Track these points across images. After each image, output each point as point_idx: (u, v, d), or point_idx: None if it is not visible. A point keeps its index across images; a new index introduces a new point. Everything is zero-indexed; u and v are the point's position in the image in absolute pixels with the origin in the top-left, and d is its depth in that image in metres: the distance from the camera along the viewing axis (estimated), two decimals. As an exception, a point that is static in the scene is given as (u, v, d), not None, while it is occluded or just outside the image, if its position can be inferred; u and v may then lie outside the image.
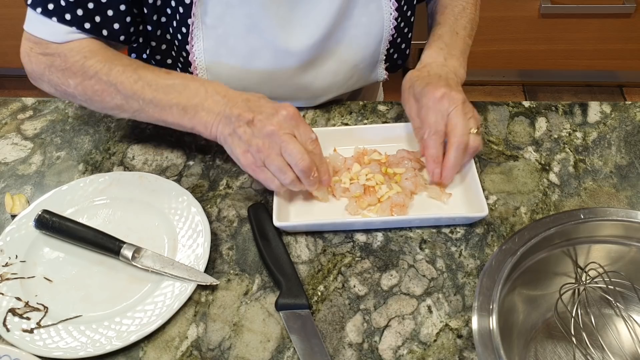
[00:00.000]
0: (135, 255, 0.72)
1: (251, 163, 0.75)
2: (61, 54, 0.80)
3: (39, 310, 0.69)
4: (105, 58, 0.81)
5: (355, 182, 0.81)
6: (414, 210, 0.79)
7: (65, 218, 0.76)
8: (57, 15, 0.79)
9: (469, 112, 0.79)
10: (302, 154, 0.73)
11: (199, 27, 0.83)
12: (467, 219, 0.77)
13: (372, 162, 0.83)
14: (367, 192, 0.80)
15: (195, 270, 0.71)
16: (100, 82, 0.79)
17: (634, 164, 0.85)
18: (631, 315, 0.67)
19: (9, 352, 0.64)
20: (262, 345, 0.67)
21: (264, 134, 0.73)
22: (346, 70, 0.92)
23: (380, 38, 0.91)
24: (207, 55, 0.85)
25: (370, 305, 0.70)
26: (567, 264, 0.69)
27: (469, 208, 0.78)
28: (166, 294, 0.70)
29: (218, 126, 0.76)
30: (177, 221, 0.77)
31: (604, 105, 0.95)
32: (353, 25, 0.88)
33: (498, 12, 2.06)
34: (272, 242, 0.74)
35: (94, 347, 0.65)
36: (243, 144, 0.74)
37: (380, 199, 0.79)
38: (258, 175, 0.75)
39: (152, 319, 0.67)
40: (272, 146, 0.73)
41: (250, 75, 0.87)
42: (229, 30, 0.84)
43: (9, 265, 0.74)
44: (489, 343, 0.58)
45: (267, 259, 0.73)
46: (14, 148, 0.92)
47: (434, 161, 0.78)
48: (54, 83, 0.82)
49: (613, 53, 2.17)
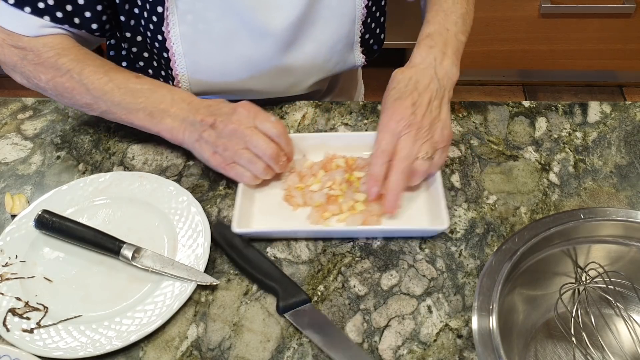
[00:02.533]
0: (135, 255, 0.72)
1: (221, 162, 0.79)
2: (34, 49, 0.82)
3: (38, 310, 0.69)
4: (78, 57, 0.83)
5: (318, 191, 0.80)
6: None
7: (65, 218, 0.76)
8: (30, 5, 0.80)
9: (422, 137, 0.76)
10: (266, 142, 0.77)
11: (173, 12, 0.84)
12: (424, 232, 0.76)
13: (338, 167, 0.82)
14: (330, 201, 0.79)
15: (195, 270, 0.71)
16: (72, 80, 0.82)
17: (634, 164, 0.85)
18: (631, 315, 0.67)
19: (9, 352, 0.64)
20: (262, 345, 0.67)
21: (227, 133, 0.77)
22: (325, 52, 0.93)
23: (353, 18, 0.92)
24: (184, 40, 0.86)
25: (370, 305, 0.70)
26: (567, 264, 0.69)
27: (430, 220, 0.77)
28: (166, 294, 0.70)
29: (185, 133, 0.80)
30: (177, 221, 0.77)
31: (604, 105, 0.95)
32: (325, 6, 0.89)
33: (498, 12, 2.06)
34: (249, 255, 0.73)
35: (93, 347, 0.65)
36: (210, 146, 0.79)
37: (342, 208, 0.78)
38: (229, 173, 0.79)
39: (152, 319, 0.67)
40: (237, 142, 0.77)
41: (229, 59, 0.88)
42: (204, 13, 0.85)
43: (9, 265, 0.74)
44: (489, 343, 0.58)
45: (253, 273, 0.72)
46: (14, 148, 0.92)
47: (373, 179, 0.76)
48: (26, 75, 0.84)
49: (613, 53, 2.17)
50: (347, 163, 0.83)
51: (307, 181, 0.82)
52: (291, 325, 0.68)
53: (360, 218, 0.77)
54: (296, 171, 0.83)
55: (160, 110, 0.81)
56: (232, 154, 0.77)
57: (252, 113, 0.78)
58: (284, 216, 0.79)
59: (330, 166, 0.83)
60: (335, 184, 0.80)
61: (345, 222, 0.77)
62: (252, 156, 0.77)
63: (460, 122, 0.92)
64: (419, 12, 0.99)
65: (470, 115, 0.93)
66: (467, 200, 0.81)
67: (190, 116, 0.79)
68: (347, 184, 0.81)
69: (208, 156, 0.79)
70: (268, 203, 0.81)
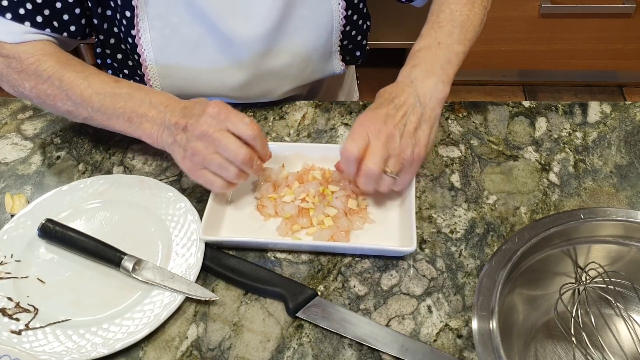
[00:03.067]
0: (135, 268, 0.72)
1: (190, 168, 0.76)
2: (16, 56, 0.82)
3: (28, 312, 0.69)
4: (59, 62, 0.82)
5: (290, 203, 0.78)
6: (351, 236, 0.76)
7: (68, 227, 0.75)
8: (10, 11, 0.80)
9: (392, 148, 0.73)
10: (237, 146, 0.72)
11: (143, 18, 0.84)
12: (391, 252, 0.74)
13: (314, 179, 0.81)
14: (301, 213, 0.77)
15: (195, 285, 0.71)
16: (53, 87, 0.81)
17: (634, 164, 0.85)
18: (631, 315, 0.67)
19: (9, 352, 0.64)
20: (262, 345, 0.67)
21: (196, 137, 0.73)
22: (299, 62, 0.92)
23: (331, 29, 0.91)
24: (154, 46, 0.86)
25: (370, 305, 0.70)
26: (567, 264, 0.69)
27: (400, 240, 0.75)
28: (155, 302, 0.69)
29: (162, 136, 0.78)
30: (173, 228, 0.77)
31: (604, 105, 0.95)
32: (301, 17, 0.88)
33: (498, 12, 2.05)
34: (245, 269, 0.72)
35: (79, 352, 0.65)
36: (182, 150, 0.75)
37: (313, 222, 0.77)
38: (198, 179, 0.76)
39: (139, 328, 0.67)
40: (207, 147, 0.73)
41: (198, 64, 0.88)
42: (172, 19, 0.85)
43: (4, 264, 0.74)
44: (489, 343, 0.58)
45: (254, 285, 0.71)
46: (14, 148, 0.92)
47: (346, 161, 0.74)
48: (12, 83, 0.84)
49: (613, 53, 2.17)
50: (323, 176, 0.82)
51: (280, 191, 0.80)
52: (291, 325, 0.68)
53: (327, 233, 0.75)
54: (271, 180, 0.81)
55: (139, 115, 0.78)
56: (202, 159, 0.73)
57: (223, 114, 0.73)
58: (254, 226, 0.78)
59: (307, 177, 0.81)
60: (309, 197, 0.79)
61: (312, 236, 0.76)
62: (223, 161, 0.73)
63: (460, 122, 0.92)
64: (418, 12, 0.98)
65: (470, 115, 0.93)
66: (467, 200, 0.81)
67: (166, 119, 0.77)
68: (321, 197, 0.79)
69: (179, 160, 0.77)
70: (239, 211, 0.79)
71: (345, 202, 0.78)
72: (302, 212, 0.77)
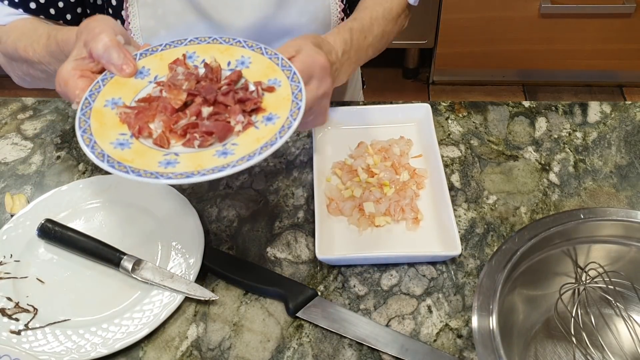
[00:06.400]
0: (135, 268, 0.72)
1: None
2: (2, 37, 0.82)
3: (28, 312, 0.69)
4: (23, 30, 0.80)
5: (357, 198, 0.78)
6: (393, 244, 0.75)
7: (67, 228, 0.75)
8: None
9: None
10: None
11: (133, 4, 0.85)
12: (437, 257, 0.73)
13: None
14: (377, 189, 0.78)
15: (194, 285, 0.71)
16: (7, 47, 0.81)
17: (634, 164, 0.85)
18: (631, 315, 0.67)
19: (8, 352, 0.64)
20: (262, 345, 0.67)
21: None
22: None
23: (328, 23, 0.91)
24: (143, 32, 0.86)
25: (370, 305, 0.70)
26: (567, 264, 0.69)
27: (442, 245, 0.74)
28: (154, 302, 0.69)
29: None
30: (173, 229, 0.77)
31: (604, 105, 0.95)
32: (295, 12, 0.88)
33: (498, 12, 2.06)
34: (245, 269, 0.73)
35: (78, 352, 0.65)
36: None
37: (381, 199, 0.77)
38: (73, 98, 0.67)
39: (138, 327, 0.67)
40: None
41: None
42: (162, 6, 0.85)
43: (3, 265, 0.74)
44: (489, 343, 0.58)
45: (255, 287, 0.71)
46: (14, 148, 0.92)
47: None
48: (6, 68, 0.86)
49: (613, 53, 2.17)
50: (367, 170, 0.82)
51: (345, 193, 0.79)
52: (291, 325, 0.68)
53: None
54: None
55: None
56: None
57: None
58: (352, 239, 0.76)
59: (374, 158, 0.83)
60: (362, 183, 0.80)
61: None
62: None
63: (460, 122, 0.92)
64: (418, 12, 0.98)
65: (470, 115, 0.93)
66: (467, 200, 0.81)
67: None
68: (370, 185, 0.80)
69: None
70: (344, 229, 0.77)
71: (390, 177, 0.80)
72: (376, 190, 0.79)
